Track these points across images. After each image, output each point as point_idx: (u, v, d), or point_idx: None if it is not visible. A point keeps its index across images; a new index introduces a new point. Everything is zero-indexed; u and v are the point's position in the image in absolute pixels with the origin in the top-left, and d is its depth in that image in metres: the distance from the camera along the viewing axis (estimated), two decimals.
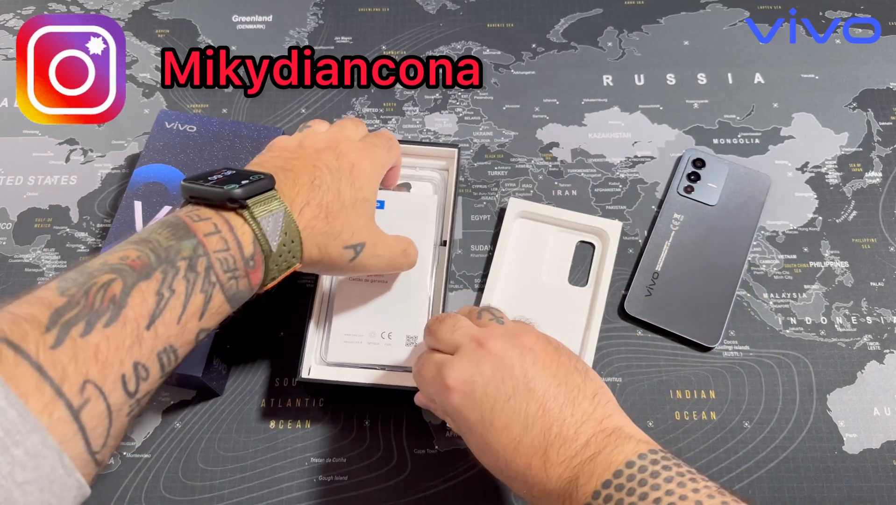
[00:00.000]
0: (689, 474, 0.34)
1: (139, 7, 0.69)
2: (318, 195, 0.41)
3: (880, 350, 0.54)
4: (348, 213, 0.42)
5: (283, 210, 0.38)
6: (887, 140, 0.62)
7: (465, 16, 0.69)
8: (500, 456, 0.37)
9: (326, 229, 0.41)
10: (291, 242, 0.39)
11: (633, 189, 0.60)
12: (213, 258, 0.36)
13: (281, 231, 0.38)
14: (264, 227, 0.37)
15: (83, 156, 0.62)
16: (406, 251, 0.47)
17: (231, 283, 0.37)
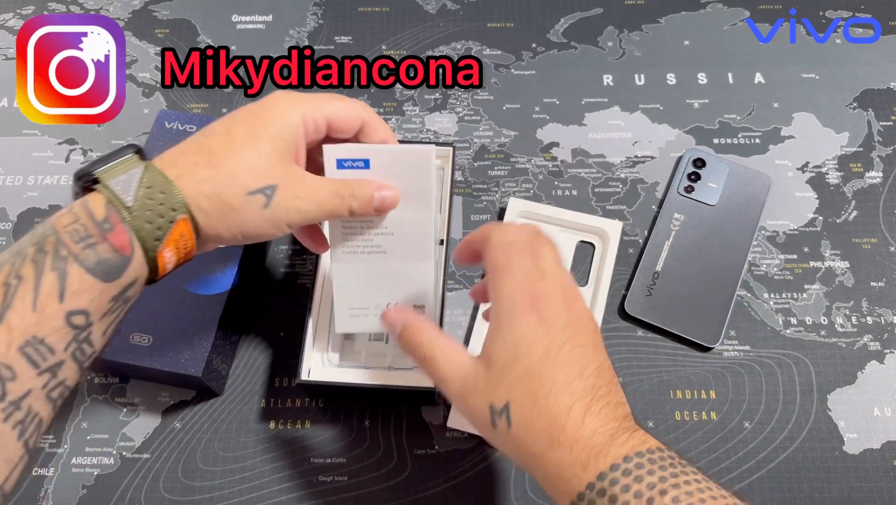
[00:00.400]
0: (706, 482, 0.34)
1: (139, 7, 0.69)
2: (197, 139, 0.37)
3: (881, 350, 0.54)
4: (242, 152, 0.37)
5: (141, 167, 0.35)
6: (888, 140, 0.62)
7: (465, 15, 0.69)
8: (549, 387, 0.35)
9: (211, 174, 0.36)
10: (161, 194, 0.35)
11: (633, 189, 0.60)
12: (62, 233, 0.33)
13: (139, 185, 0.35)
14: (113, 187, 0.35)
15: (83, 156, 0.62)
16: (338, 192, 0.39)
17: (87, 252, 0.33)
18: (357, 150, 0.42)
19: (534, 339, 0.36)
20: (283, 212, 0.38)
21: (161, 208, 0.35)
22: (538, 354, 0.36)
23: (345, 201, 0.40)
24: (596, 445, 0.34)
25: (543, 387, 0.35)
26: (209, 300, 0.50)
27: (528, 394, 0.35)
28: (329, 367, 0.51)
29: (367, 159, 0.42)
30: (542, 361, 0.36)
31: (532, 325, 0.36)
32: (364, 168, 0.42)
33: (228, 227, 0.37)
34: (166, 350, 0.49)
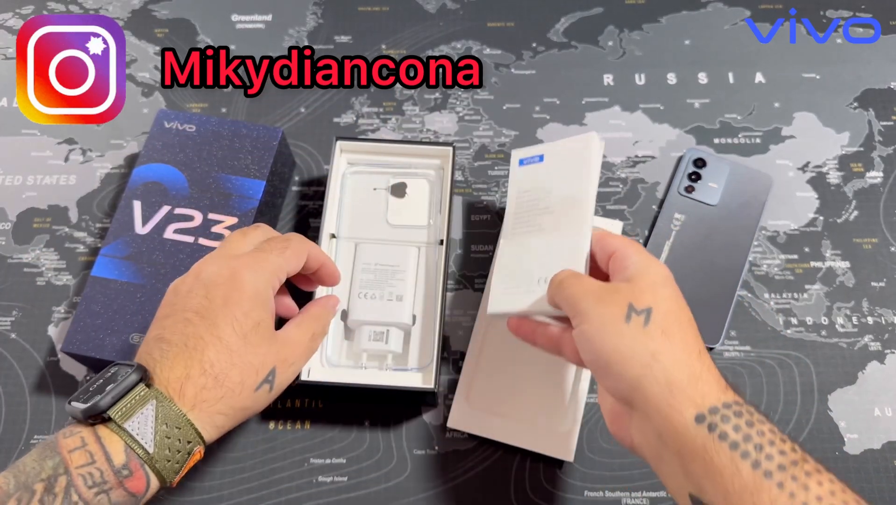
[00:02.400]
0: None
1: (138, 6, 0.69)
2: (197, 357, 0.37)
3: (881, 350, 0.54)
4: (244, 357, 0.38)
5: (152, 403, 0.35)
6: (888, 140, 0.62)
7: (465, 15, 0.69)
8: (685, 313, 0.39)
9: (221, 394, 0.37)
10: (177, 430, 0.36)
11: (633, 189, 0.60)
12: (74, 475, 0.33)
13: (156, 424, 0.35)
14: (132, 431, 0.35)
15: (82, 155, 0.62)
16: (314, 334, 0.44)
17: (100, 498, 0.34)
18: (534, 150, 0.51)
19: (674, 286, 0.40)
20: (283, 383, 0.41)
21: (178, 445, 0.36)
22: (679, 296, 0.40)
23: (320, 337, 0.45)
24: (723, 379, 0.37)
25: (684, 315, 0.39)
26: None
27: (672, 311, 0.38)
28: (329, 367, 0.51)
29: (542, 154, 0.51)
30: (682, 303, 0.40)
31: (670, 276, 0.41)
32: (539, 161, 0.51)
33: (239, 422, 0.40)
34: None
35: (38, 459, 0.34)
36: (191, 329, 0.38)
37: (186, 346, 0.37)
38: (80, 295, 0.54)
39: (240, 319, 0.39)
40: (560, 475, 0.50)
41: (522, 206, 0.50)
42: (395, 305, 0.51)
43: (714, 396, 0.36)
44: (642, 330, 0.37)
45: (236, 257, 0.41)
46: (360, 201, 0.56)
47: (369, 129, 0.63)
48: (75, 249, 0.58)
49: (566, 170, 0.49)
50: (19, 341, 0.55)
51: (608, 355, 0.37)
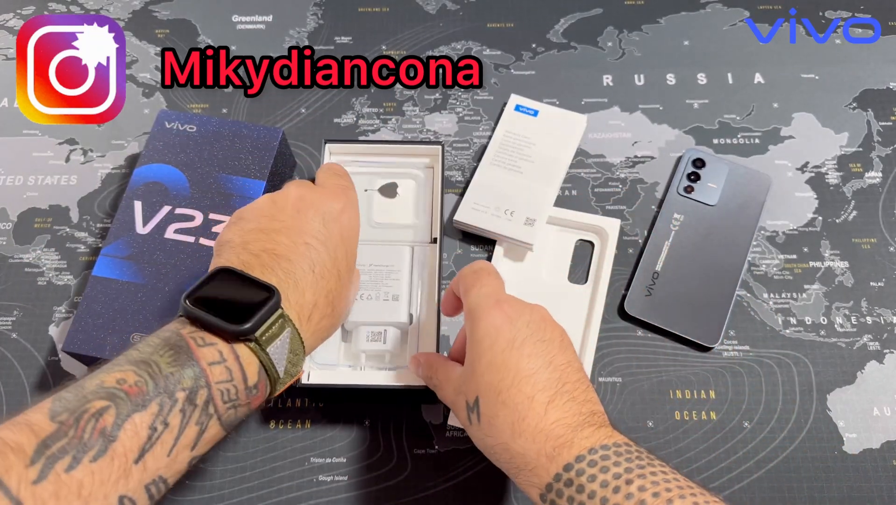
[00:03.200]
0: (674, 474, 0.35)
1: (139, 7, 0.69)
2: (323, 285, 0.40)
3: (880, 350, 0.54)
4: (347, 290, 0.42)
5: (289, 331, 0.38)
6: (887, 140, 0.62)
7: (465, 16, 0.69)
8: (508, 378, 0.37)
9: (332, 322, 0.41)
10: (295, 356, 0.38)
11: (633, 189, 0.60)
12: (214, 390, 0.35)
13: (288, 353, 0.38)
14: (272, 355, 0.37)
15: (83, 156, 0.62)
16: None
17: (230, 412, 0.36)
18: (532, 103, 0.62)
19: (497, 333, 0.38)
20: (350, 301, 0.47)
21: (294, 369, 0.39)
22: (502, 346, 0.38)
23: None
24: (560, 436, 0.36)
25: (506, 378, 0.37)
26: None
27: (493, 386, 0.37)
28: (328, 369, 0.51)
29: (537, 111, 0.61)
30: (506, 353, 0.38)
31: (497, 320, 0.39)
32: (533, 115, 0.61)
33: None
34: None
35: (175, 363, 0.34)
36: (314, 255, 0.40)
37: (314, 272, 0.39)
38: (81, 295, 0.54)
39: (350, 256, 0.42)
40: None
41: (508, 144, 0.60)
42: (391, 305, 0.51)
43: (543, 472, 0.35)
44: (479, 427, 0.38)
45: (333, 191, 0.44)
46: None
47: (370, 129, 0.63)
48: (76, 249, 0.58)
49: (554, 134, 0.60)
50: (20, 341, 0.55)
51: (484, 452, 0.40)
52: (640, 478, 0.33)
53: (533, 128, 0.61)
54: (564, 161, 0.60)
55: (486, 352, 0.38)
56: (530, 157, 0.59)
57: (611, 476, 0.34)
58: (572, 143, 0.61)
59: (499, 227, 0.56)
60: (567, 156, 0.60)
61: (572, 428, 0.36)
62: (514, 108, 0.62)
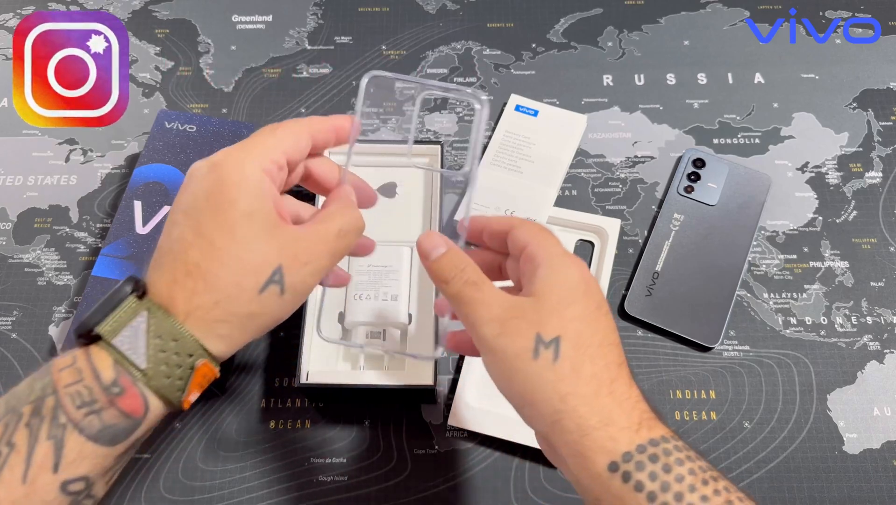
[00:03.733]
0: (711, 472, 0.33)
1: (139, 7, 0.69)
2: (182, 259, 0.32)
3: (880, 350, 0.54)
4: (229, 252, 0.32)
5: (144, 314, 0.32)
6: (887, 140, 0.62)
7: (465, 15, 0.69)
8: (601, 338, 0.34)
9: (215, 298, 0.32)
10: (173, 342, 0.32)
11: (633, 189, 0.60)
12: (62, 394, 0.30)
13: (148, 338, 0.32)
14: (120, 346, 0.31)
15: (83, 156, 0.62)
16: (341, 230, 0.36)
17: (90, 419, 0.31)
18: (532, 103, 0.61)
19: (587, 288, 0.35)
20: (300, 286, 0.34)
21: (177, 358, 0.32)
22: (593, 305, 0.35)
23: (346, 239, 0.37)
24: (644, 410, 0.33)
25: (597, 334, 0.34)
26: None
27: (583, 335, 0.34)
28: (328, 369, 0.51)
29: (537, 111, 0.61)
30: (597, 312, 0.35)
31: (587, 276, 0.35)
32: (534, 116, 0.61)
33: (252, 332, 0.34)
34: None
35: (31, 381, 0.31)
36: (176, 231, 0.33)
37: (172, 249, 0.33)
38: (80, 295, 0.54)
39: (224, 209, 0.33)
40: (560, 475, 0.50)
41: (508, 144, 0.60)
42: (390, 306, 0.51)
43: (626, 439, 0.32)
44: (551, 367, 0.33)
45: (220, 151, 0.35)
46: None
47: (369, 129, 0.63)
48: (76, 249, 0.58)
49: (554, 133, 0.60)
50: (20, 341, 0.55)
51: (519, 397, 0.34)
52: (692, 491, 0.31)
53: (533, 128, 0.61)
54: (564, 161, 0.60)
55: (576, 302, 0.34)
56: (530, 157, 0.59)
57: (697, 466, 0.32)
58: (572, 143, 0.61)
59: None
60: (567, 156, 0.60)
61: (650, 408, 0.34)
62: (514, 108, 0.62)
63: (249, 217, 0.33)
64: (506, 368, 0.34)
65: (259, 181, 0.34)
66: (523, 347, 0.33)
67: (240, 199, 0.33)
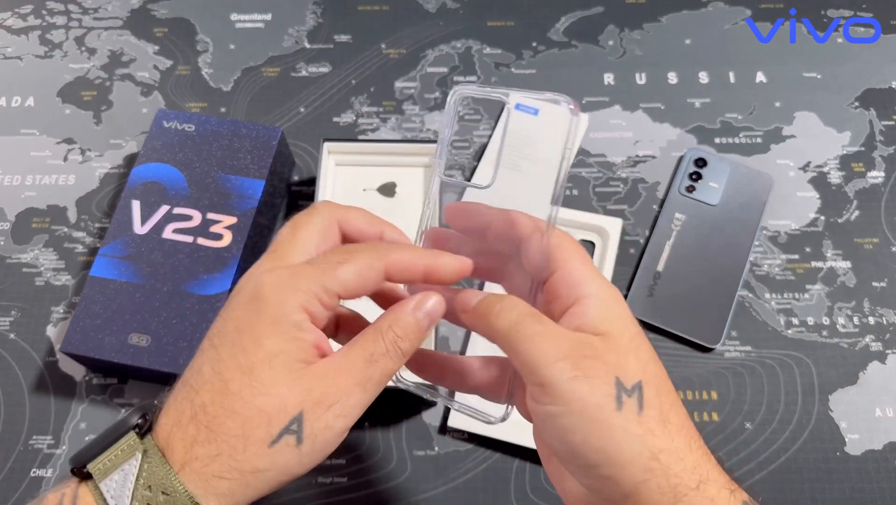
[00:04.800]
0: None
1: (137, 6, 0.69)
2: (189, 399, 0.29)
3: (882, 351, 0.54)
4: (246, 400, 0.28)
5: (137, 457, 0.28)
6: (890, 139, 0.62)
7: (465, 14, 0.68)
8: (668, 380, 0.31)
9: (217, 449, 0.28)
10: (164, 495, 0.28)
11: (634, 188, 0.60)
12: None
13: (135, 486, 0.28)
14: (105, 491, 0.28)
15: (81, 155, 0.62)
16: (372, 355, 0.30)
17: None
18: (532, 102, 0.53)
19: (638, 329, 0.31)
20: (323, 433, 0.29)
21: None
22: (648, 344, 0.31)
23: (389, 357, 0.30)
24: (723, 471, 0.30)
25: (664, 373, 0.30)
26: (208, 300, 0.50)
27: (661, 380, 0.30)
28: None
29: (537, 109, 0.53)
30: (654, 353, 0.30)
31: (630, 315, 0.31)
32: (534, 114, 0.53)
33: (260, 490, 0.29)
34: (165, 351, 0.48)
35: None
36: (198, 362, 0.30)
37: (188, 382, 0.30)
38: (79, 295, 0.54)
39: (247, 349, 0.29)
40: None
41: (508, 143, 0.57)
42: None
43: (724, 500, 0.28)
44: (637, 419, 0.28)
45: (271, 270, 0.30)
46: (350, 202, 0.56)
47: (369, 128, 0.63)
48: (74, 249, 0.58)
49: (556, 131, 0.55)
50: (18, 342, 0.54)
51: (595, 456, 0.28)
52: None
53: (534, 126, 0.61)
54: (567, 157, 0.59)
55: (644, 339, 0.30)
56: (530, 157, 0.59)
57: None
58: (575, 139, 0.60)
59: None
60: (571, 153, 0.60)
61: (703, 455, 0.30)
62: (515, 107, 0.62)
63: (272, 359, 0.29)
64: (583, 419, 0.28)
65: (295, 324, 0.29)
66: (603, 396, 0.28)
67: (268, 339, 0.29)
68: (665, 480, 0.28)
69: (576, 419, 0.28)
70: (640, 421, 0.28)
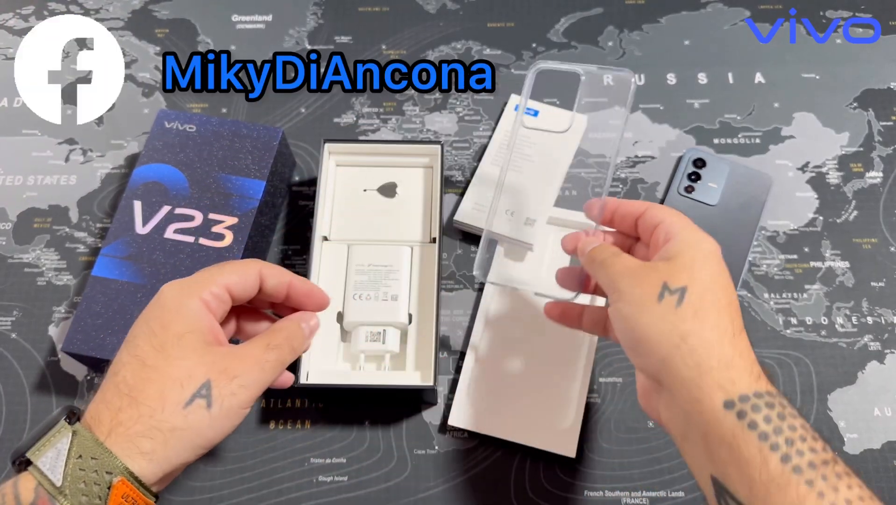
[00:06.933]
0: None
1: (138, 6, 0.69)
2: (113, 380, 0.34)
3: (881, 350, 0.54)
4: (158, 370, 0.34)
5: (68, 435, 0.33)
6: (888, 140, 0.62)
7: (465, 15, 0.69)
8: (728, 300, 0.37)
9: (138, 412, 0.33)
10: (93, 460, 0.32)
11: (633, 189, 0.60)
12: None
13: (69, 457, 0.32)
14: (42, 466, 0.32)
15: (83, 155, 0.62)
16: (269, 345, 0.38)
17: None
18: (531, 102, 0.61)
19: (719, 260, 0.38)
20: (230, 400, 0.35)
21: (95, 476, 0.32)
22: (725, 272, 0.38)
23: (282, 348, 0.39)
24: (763, 372, 0.36)
25: (725, 296, 0.37)
26: None
27: (710, 291, 0.37)
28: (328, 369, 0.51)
29: (537, 111, 0.61)
30: (727, 280, 0.38)
31: (717, 249, 0.39)
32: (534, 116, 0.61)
33: (180, 451, 0.34)
34: None
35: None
36: (117, 356, 0.36)
37: (109, 373, 0.35)
38: (80, 295, 0.54)
39: (157, 333, 0.35)
40: (560, 475, 0.50)
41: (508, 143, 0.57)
42: (390, 305, 0.51)
43: (745, 383, 0.34)
44: (674, 310, 0.36)
45: (168, 284, 0.38)
46: (350, 203, 0.56)
47: (369, 129, 0.63)
48: (76, 249, 0.58)
49: (556, 132, 0.60)
50: (20, 341, 0.55)
51: (638, 334, 0.37)
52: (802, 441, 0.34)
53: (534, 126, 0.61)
54: (564, 161, 0.60)
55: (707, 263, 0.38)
56: (531, 157, 0.59)
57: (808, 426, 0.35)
58: (575, 140, 0.61)
59: (499, 228, 0.56)
60: (569, 155, 0.60)
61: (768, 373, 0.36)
62: (515, 108, 0.62)
63: (180, 338, 0.35)
64: (631, 310, 0.37)
65: (195, 311, 0.36)
66: (650, 292, 0.37)
67: (174, 323, 0.36)
68: (689, 356, 0.35)
69: (628, 308, 0.37)
70: (676, 311, 0.36)
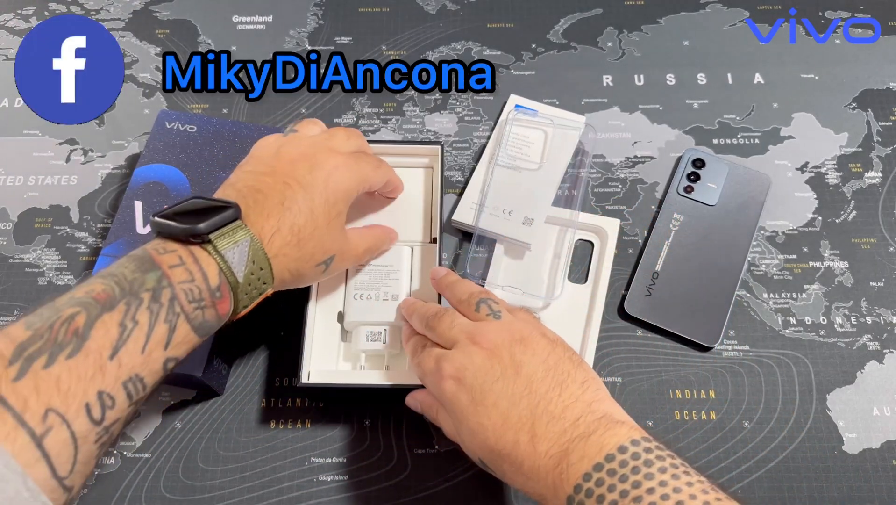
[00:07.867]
0: (683, 467, 0.35)
1: (139, 7, 0.69)
2: (290, 218, 0.42)
3: (880, 350, 0.54)
4: (322, 234, 0.43)
5: (248, 240, 0.39)
6: (887, 140, 0.62)
7: (465, 16, 0.69)
8: (489, 434, 0.39)
9: (299, 255, 0.42)
10: (260, 270, 0.40)
11: (632, 189, 0.60)
12: (177, 289, 0.37)
13: (248, 261, 0.39)
14: (229, 259, 0.38)
15: (83, 156, 0.62)
16: (368, 248, 0.50)
17: (197, 313, 0.38)
18: (531, 103, 0.62)
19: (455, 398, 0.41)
20: (334, 270, 0.46)
21: (257, 283, 0.40)
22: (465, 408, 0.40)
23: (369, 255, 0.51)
24: (553, 470, 0.37)
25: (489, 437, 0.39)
26: None
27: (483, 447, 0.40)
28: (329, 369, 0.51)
29: (536, 111, 0.62)
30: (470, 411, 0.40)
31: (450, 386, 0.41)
32: (534, 115, 0.61)
33: (294, 285, 0.45)
34: None
35: (138, 270, 0.36)
36: (289, 192, 0.42)
37: (283, 204, 0.41)
38: None
39: (331, 204, 0.43)
40: None
41: (507, 143, 0.60)
42: (390, 305, 0.51)
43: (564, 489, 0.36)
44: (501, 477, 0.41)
45: (341, 153, 0.45)
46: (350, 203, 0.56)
47: (370, 129, 0.63)
48: (76, 249, 0.58)
49: (554, 133, 0.60)
50: None
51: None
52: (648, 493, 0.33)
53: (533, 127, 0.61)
54: (563, 158, 0.60)
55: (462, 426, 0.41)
56: (529, 157, 0.59)
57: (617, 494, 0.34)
58: (573, 141, 0.61)
59: (497, 227, 0.56)
60: (567, 155, 0.60)
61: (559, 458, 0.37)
62: (514, 108, 0.62)
63: (338, 217, 0.45)
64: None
65: (352, 199, 0.46)
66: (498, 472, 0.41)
67: (340, 203, 0.45)
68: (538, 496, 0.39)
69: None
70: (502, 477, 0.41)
